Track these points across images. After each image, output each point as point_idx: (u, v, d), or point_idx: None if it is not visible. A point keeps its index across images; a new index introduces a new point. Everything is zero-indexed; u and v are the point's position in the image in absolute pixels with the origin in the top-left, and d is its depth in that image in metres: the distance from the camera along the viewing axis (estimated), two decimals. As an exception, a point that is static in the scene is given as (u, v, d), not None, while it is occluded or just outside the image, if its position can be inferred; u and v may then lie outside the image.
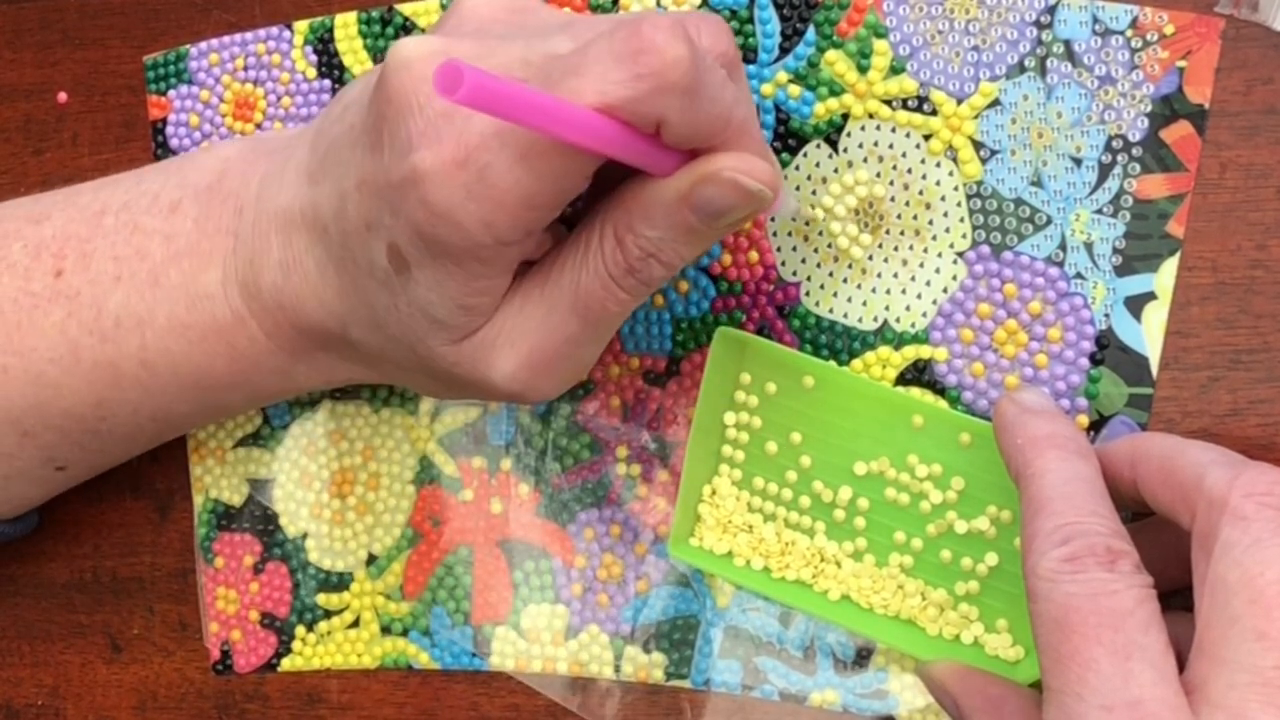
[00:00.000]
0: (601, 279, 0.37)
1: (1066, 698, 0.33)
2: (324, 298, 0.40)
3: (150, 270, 0.42)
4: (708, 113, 0.34)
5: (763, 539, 0.44)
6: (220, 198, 0.42)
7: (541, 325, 0.37)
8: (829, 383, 0.43)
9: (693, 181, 0.35)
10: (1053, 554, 0.34)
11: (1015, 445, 0.38)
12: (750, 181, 0.35)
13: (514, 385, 0.38)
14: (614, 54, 0.32)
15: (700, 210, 0.36)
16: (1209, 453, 0.36)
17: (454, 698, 0.48)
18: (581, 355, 0.39)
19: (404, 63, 0.34)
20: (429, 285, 0.36)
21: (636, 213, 0.36)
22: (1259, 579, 0.33)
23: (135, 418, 0.44)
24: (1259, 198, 0.41)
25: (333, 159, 0.38)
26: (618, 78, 0.32)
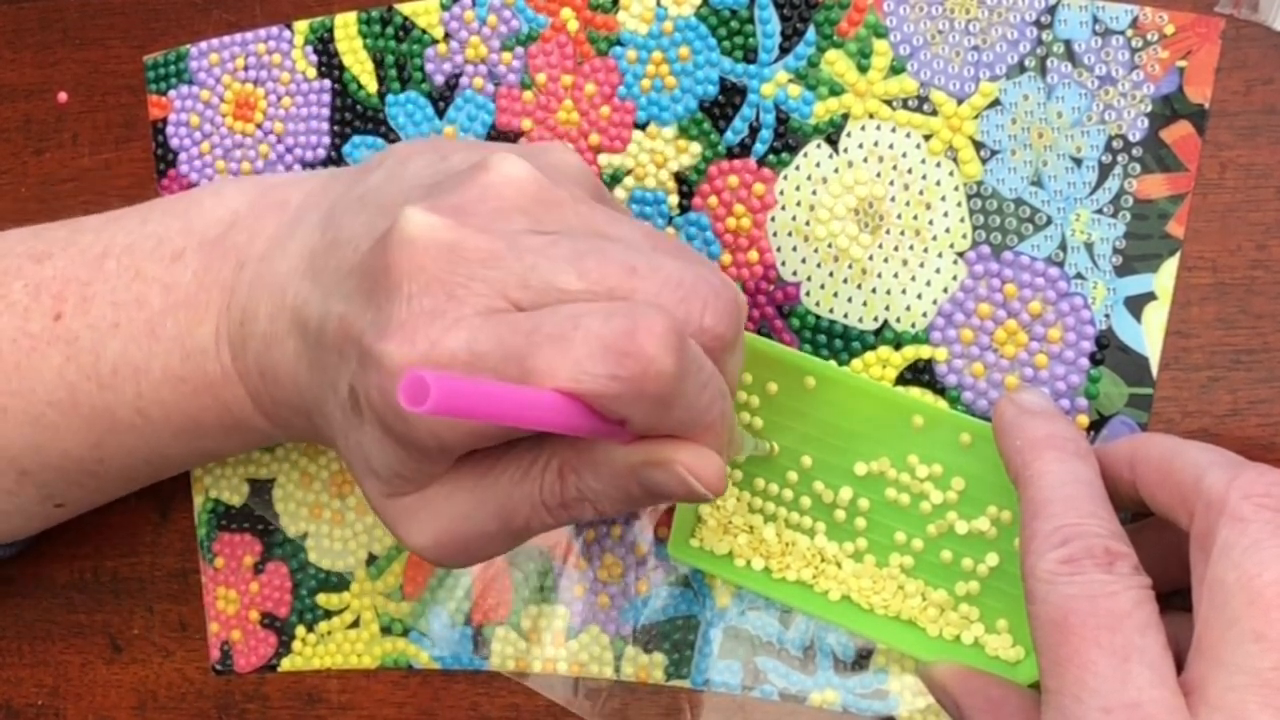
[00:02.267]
0: (533, 503, 0.36)
1: (1065, 699, 0.33)
2: (298, 383, 0.39)
3: (148, 320, 0.42)
4: (676, 419, 0.34)
5: (763, 539, 0.44)
6: (223, 251, 0.42)
7: (464, 516, 0.37)
8: (830, 383, 0.43)
9: (644, 461, 0.35)
10: (1051, 555, 0.34)
11: (1014, 446, 0.38)
12: (695, 483, 0.35)
13: (425, 553, 0.38)
14: (602, 343, 0.32)
15: (644, 486, 0.35)
16: (1207, 454, 0.36)
17: (454, 698, 0.48)
18: (493, 549, 0.39)
19: (408, 241, 0.34)
20: (373, 441, 0.36)
21: (585, 460, 0.36)
22: (1257, 580, 0.33)
23: (131, 460, 0.44)
24: (1259, 198, 0.41)
25: (333, 266, 0.38)
26: (596, 371, 0.32)
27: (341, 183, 0.41)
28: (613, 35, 0.46)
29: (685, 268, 0.35)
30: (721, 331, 0.35)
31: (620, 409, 0.32)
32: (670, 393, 0.32)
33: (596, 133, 0.46)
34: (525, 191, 0.36)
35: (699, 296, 0.35)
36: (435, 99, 0.48)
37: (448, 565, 0.39)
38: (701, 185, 0.45)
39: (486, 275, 0.34)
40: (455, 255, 0.34)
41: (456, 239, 0.34)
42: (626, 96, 0.46)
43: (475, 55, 0.47)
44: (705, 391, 0.34)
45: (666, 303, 0.34)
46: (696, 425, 0.35)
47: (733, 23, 0.45)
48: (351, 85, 0.49)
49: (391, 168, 0.39)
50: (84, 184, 0.52)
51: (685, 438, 0.35)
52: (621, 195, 0.46)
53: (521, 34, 0.47)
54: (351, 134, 0.49)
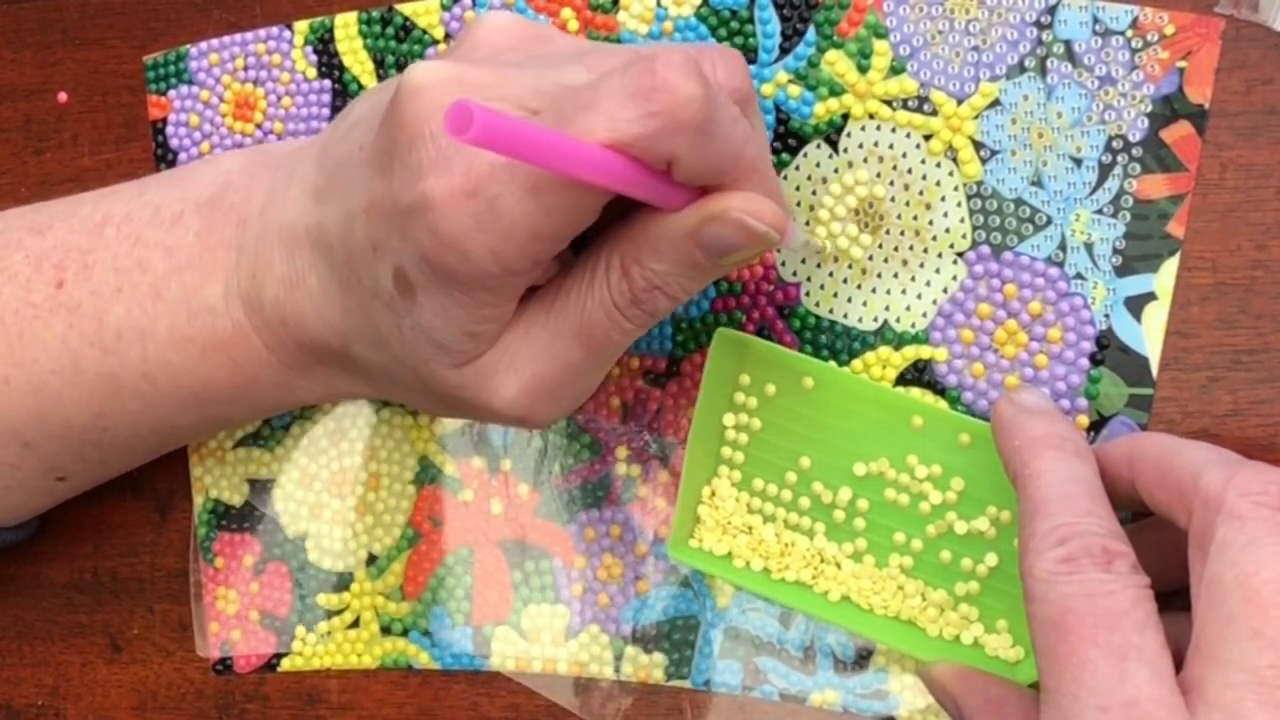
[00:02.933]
0: (606, 309, 0.37)
1: (1063, 698, 0.33)
2: (327, 315, 0.39)
3: (151, 283, 0.42)
4: (718, 151, 0.34)
5: (762, 540, 0.44)
6: (223, 210, 0.42)
7: (545, 352, 0.37)
8: (828, 384, 0.43)
9: (701, 219, 0.35)
10: (1049, 555, 0.34)
11: (1013, 446, 0.38)
12: (757, 224, 0.35)
13: (515, 410, 0.38)
14: (626, 91, 0.32)
15: (707, 248, 0.36)
16: (1205, 452, 0.36)
17: (454, 698, 0.48)
18: (584, 382, 0.39)
19: (416, 89, 0.34)
20: (434, 311, 0.36)
21: (644, 246, 0.36)
22: (1254, 578, 0.33)
23: (135, 429, 0.44)
24: (1259, 198, 0.41)
25: (340, 178, 0.38)
26: (629, 115, 0.32)
27: (327, 129, 0.41)
28: (613, 35, 0.46)
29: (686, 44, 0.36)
30: (737, 84, 0.36)
31: (662, 146, 0.33)
32: (704, 117, 0.33)
33: (596, 133, 0.46)
34: (513, 32, 0.38)
35: (706, 58, 0.36)
36: (435, 99, 0.48)
37: (543, 418, 0.39)
38: (701, 185, 0.45)
39: (501, 94, 0.34)
40: (464, 84, 0.34)
41: (461, 70, 0.35)
42: (626, 96, 0.46)
43: (475, 55, 0.47)
44: (738, 126, 0.34)
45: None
46: (739, 164, 0.35)
47: (733, 23, 0.45)
48: (351, 85, 0.49)
49: (371, 94, 0.40)
50: (84, 184, 0.51)
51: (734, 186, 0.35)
52: (621, 195, 0.46)
53: (521, 34, 0.47)
54: (351, 134, 0.49)
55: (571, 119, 0.33)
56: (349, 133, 0.39)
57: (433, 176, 0.34)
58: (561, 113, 0.33)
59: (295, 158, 0.42)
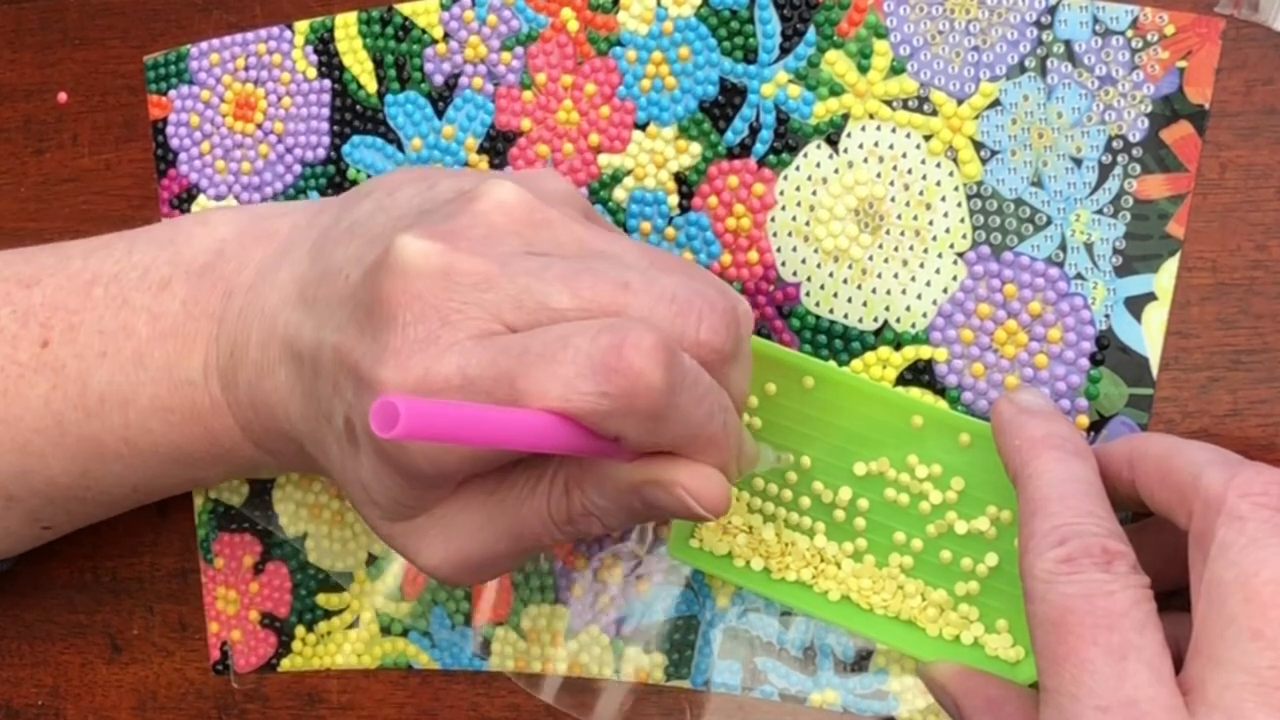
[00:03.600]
0: (542, 518, 0.37)
1: (1062, 698, 0.33)
2: (290, 412, 0.40)
3: (135, 349, 0.42)
4: (672, 434, 0.34)
5: (762, 540, 0.44)
6: (211, 281, 0.42)
7: (474, 534, 0.37)
8: (828, 383, 0.43)
9: (644, 480, 0.35)
10: (1049, 555, 0.34)
11: (1013, 446, 0.38)
12: (695, 505, 0.35)
13: (436, 573, 0.39)
14: (590, 361, 0.32)
15: (645, 504, 0.36)
16: (1205, 453, 0.36)
17: (454, 698, 0.48)
18: (504, 566, 0.39)
19: (403, 269, 0.34)
20: (372, 473, 0.36)
21: (589, 477, 0.36)
22: (1254, 579, 0.33)
23: (119, 487, 0.44)
24: (1259, 198, 0.41)
25: (324, 295, 0.38)
26: (585, 389, 0.32)
27: (329, 214, 0.41)
28: (613, 35, 0.46)
29: (680, 282, 0.35)
30: (718, 345, 0.35)
31: (612, 426, 0.33)
32: (662, 407, 0.32)
33: (596, 133, 0.46)
34: (516, 215, 0.36)
35: (694, 310, 0.35)
36: (434, 99, 0.48)
37: (458, 584, 0.40)
38: (701, 185, 0.45)
39: (480, 299, 0.34)
40: (449, 280, 0.34)
41: (450, 263, 0.34)
42: (626, 97, 0.46)
43: (475, 55, 0.47)
44: (702, 405, 0.34)
45: (660, 317, 0.34)
46: (696, 440, 0.35)
47: (733, 23, 0.45)
48: (351, 85, 0.49)
49: (379, 198, 0.39)
50: (84, 184, 0.52)
51: (687, 454, 0.35)
52: (621, 195, 0.46)
53: (521, 34, 0.47)
54: (351, 134, 0.49)
55: (529, 371, 0.32)
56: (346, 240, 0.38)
57: (391, 368, 0.33)
58: (524, 357, 0.33)
59: (292, 234, 0.42)
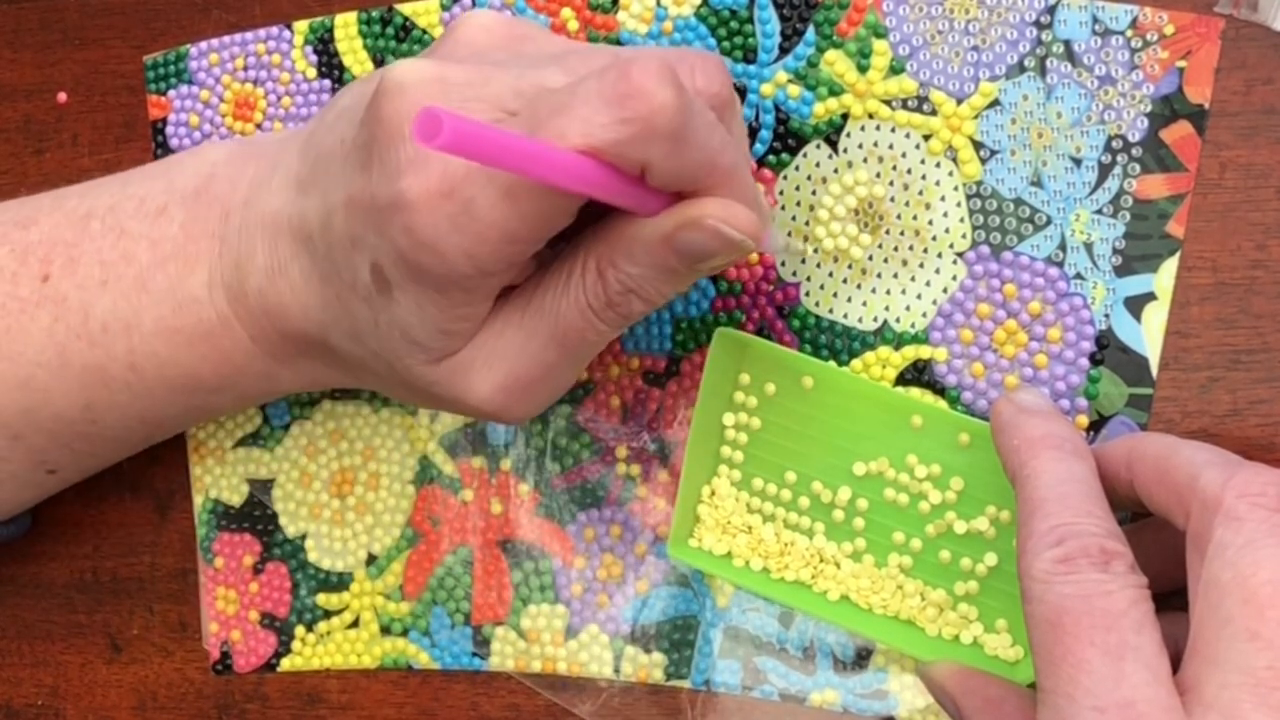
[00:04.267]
0: (581, 310, 0.37)
1: (1059, 699, 0.33)
2: (307, 305, 0.40)
3: (137, 275, 0.42)
4: (693, 159, 0.34)
5: (762, 539, 0.44)
6: (206, 202, 0.42)
7: (520, 351, 0.38)
8: (828, 383, 0.43)
9: (676, 225, 0.35)
10: (1046, 555, 0.34)
11: (1011, 446, 0.38)
12: (732, 231, 0.35)
13: (490, 407, 0.39)
14: (601, 96, 0.32)
15: (682, 254, 0.36)
16: (1204, 453, 0.36)
17: (454, 698, 0.48)
18: (558, 380, 0.39)
19: (397, 87, 0.34)
20: (409, 307, 0.36)
21: (619, 248, 0.36)
22: (1252, 579, 0.33)
23: (124, 420, 0.44)
24: (1259, 198, 0.41)
25: (322, 170, 0.38)
26: (603, 121, 0.32)
27: (313, 120, 0.42)
28: (612, 35, 0.46)
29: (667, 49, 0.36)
30: (716, 90, 0.36)
31: (636, 152, 0.33)
32: (679, 125, 0.33)
33: (596, 133, 0.46)
34: (498, 32, 0.38)
35: (686, 63, 0.36)
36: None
37: (518, 414, 0.39)
38: (701, 185, 0.45)
39: (480, 94, 0.35)
40: (444, 84, 0.35)
41: (442, 71, 0.35)
42: (626, 96, 0.46)
43: (475, 55, 0.47)
44: (714, 133, 0.35)
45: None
46: (715, 170, 0.35)
47: (732, 23, 0.45)
48: (351, 85, 0.49)
49: (357, 86, 0.40)
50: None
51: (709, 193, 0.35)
52: (621, 195, 0.46)
53: (521, 34, 0.47)
54: (351, 134, 0.49)
55: (546, 123, 0.33)
56: (334, 124, 0.39)
57: (410, 176, 0.34)
58: (536, 115, 0.33)
59: (281, 147, 0.42)
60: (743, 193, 0.36)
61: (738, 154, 0.36)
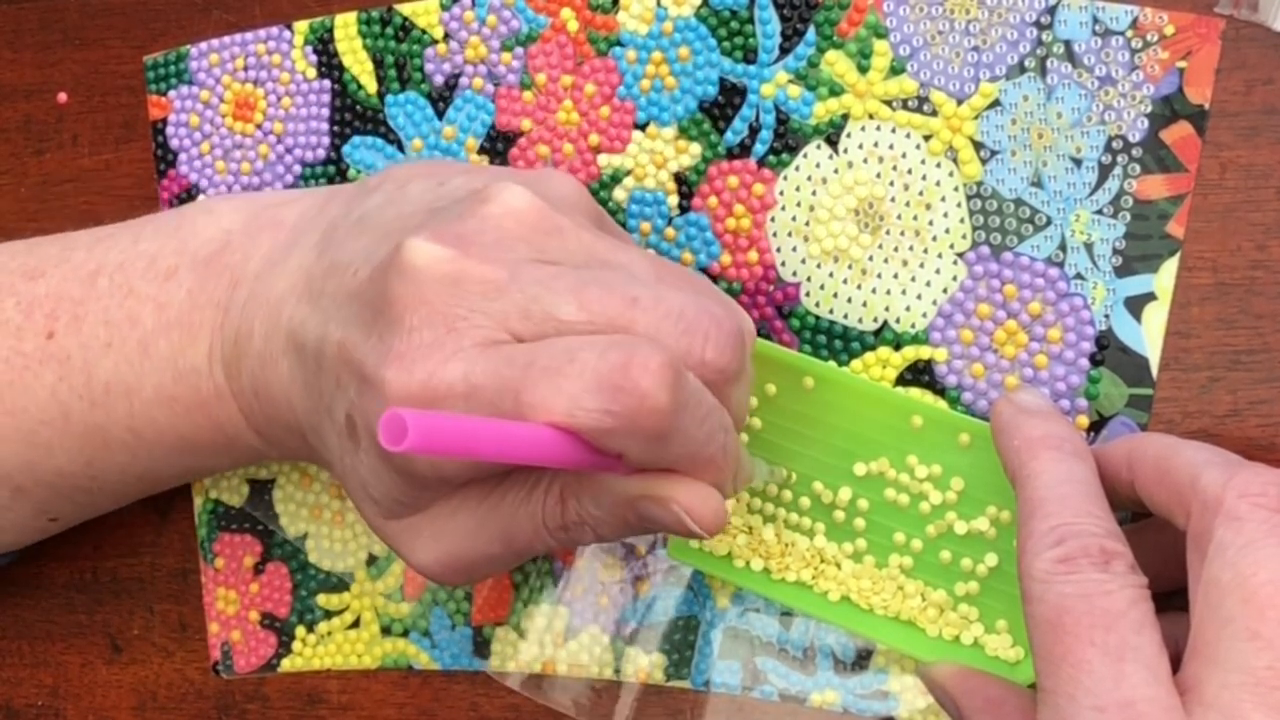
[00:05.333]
0: (535, 524, 0.37)
1: (1059, 699, 0.33)
2: (292, 402, 0.39)
3: (140, 339, 0.42)
4: (673, 454, 0.34)
5: (762, 540, 0.44)
6: (217, 270, 0.42)
7: (468, 536, 0.37)
8: (828, 383, 0.43)
9: (641, 494, 0.35)
10: (1047, 555, 0.34)
11: (1011, 446, 0.38)
12: (691, 524, 0.35)
13: (426, 572, 0.39)
14: (596, 377, 0.32)
15: (640, 518, 0.36)
16: (1204, 453, 0.36)
17: (454, 698, 0.48)
18: (496, 569, 0.39)
19: (412, 272, 0.34)
20: (371, 470, 0.36)
21: (584, 488, 0.36)
22: (1252, 579, 0.33)
23: (124, 477, 0.44)
24: (1259, 198, 0.41)
25: (330, 289, 0.38)
26: (590, 405, 0.32)
27: (338, 204, 0.41)
28: (612, 35, 0.46)
29: (688, 299, 0.35)
30: (724, 365, 0.35)
31: (614, 444, 0.33)
32: (666, 428, 0.32)
33: (596, 133, 0.46)
34: (526, 221, 0.36)
35: (700, 329, 0.35)
36: (435, 99, 0.48)
37: (449, 584, 0.40)
38: (701, 186, 0.45)
39: (488, 307, 0.34)
40: (458, 287, 0.34)
41: (459, 270, 0.34)
42: (626, 97, 0.46)
43: (475, 55, 0.47)
44: (704, 426, 0.34)
45: (666, 335, 0.34)
46: (696, 460, 0.35)
47: (733, 23, 0.45)
48: (351, 85, 0.49)
49: (390, 191, 0.39)
50: (84, 184, 0.52)
51: (686, 473, 0.35)
52: (621, 195, 0.46)
53: (521, 34, 0.47)
54: (351, 134, 0.49)
55: (535, 384, 0.32)
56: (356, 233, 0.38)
57: (396, 368, 0.33)
58: (529, 370, 0.33)
59: (299, 224, 0.42)
60: (719, 475, 0.36)
61: (727, 438, 0.36)
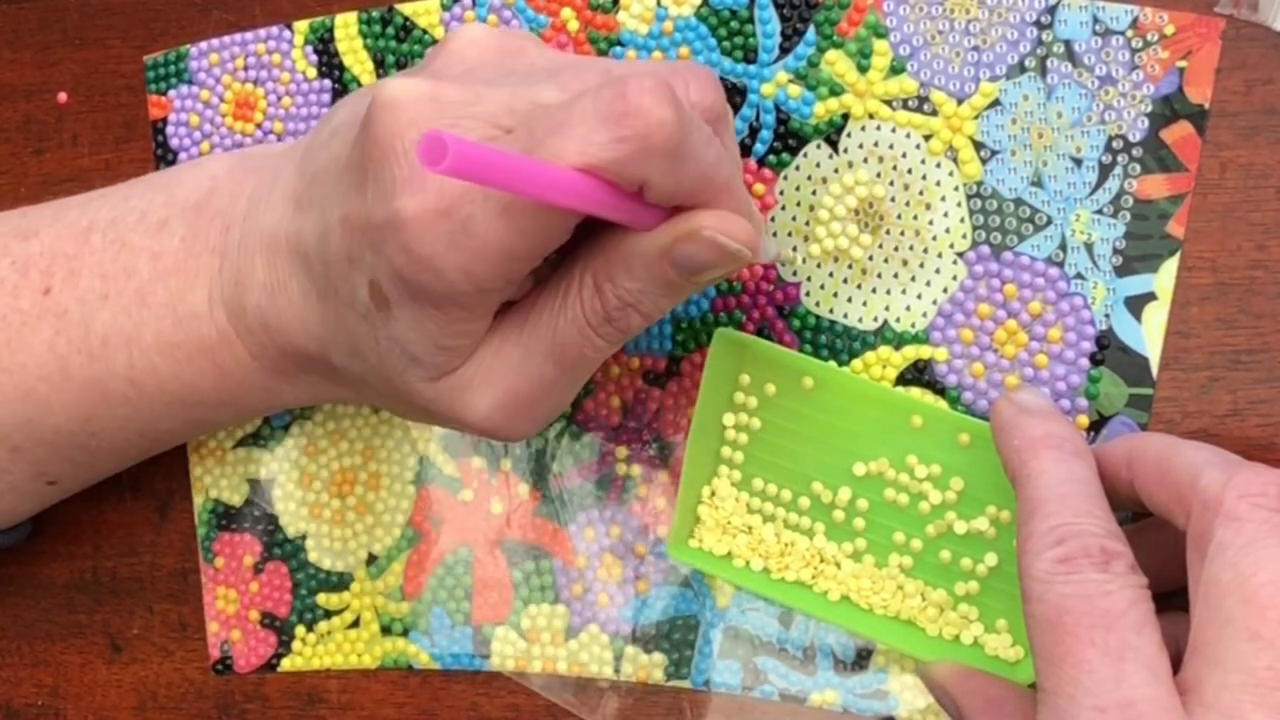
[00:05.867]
0: (579, 326, 0.37)
1: (1059, 699, 0.33)
2: (306, 322, 0.39)
3: (138, 288, 0.42)
4: (690, 174, 0.34)
5: (762, 540, 0.44)
6: (208, 216, 0.42)
7: (518, 368, 0.37)
8: (828, 383, 0.43)
9: (674, 238, 0.35)
10: (1047, 555, 0.34)
11: (1012, 446, 0.38)
12: (729, 242, 0.35)
13: (488, 425, 0.38)
14: (598, 114, 0.32)
15: (680, 266, 0.36)
16: (1204, 453, 0.36)
17: (454, 698, 0.48)
18: (557, 398, 0.39)
19: (389, 104, 0.34)
20: (408, 324, 0.36)
21: (617, 263, 0.36)
22: (1252, 580, 0.33)
23: (124, 434, 0.44)
24: (1259, 198, 0.41)
25: (319, 188, 0.38)
26: (601, 139, 0.32)
27: (309, 136, 0.41)
28: (613, 35, 0.46)
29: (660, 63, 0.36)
30: (709, 103, 0.36)
31: (635, 170, 0.33)
32: (677, 141, 0.33)
33: (596, 133, 0.46)
34: (489, 46, 0.37)
35: (679, 76, 0.36)
36: (435, 99, 0.48)
37: (518, 433, 0.39)
38: (701, 185, 0.45)
39: (474, 112, 0.34)
40: (438, 102, 0.34)
41: (436, 89, 0.35)
42: (626, 96, 0.46)
43: (475, 55, 0.47)
44: (710, 147, 0.35)
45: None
46: (711, 185, 0.35)
47: (732, 23, 0.45)
48: (351, 85, 0.49)
49: (351, 100, 0.40)
50: (84, 184, 0.52)
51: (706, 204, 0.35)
52: (621, 195, 0.46)
53: (521, 34, 0.47)
54: (351, 134, 0.49)
55: (543, 142, 0.33)
56: (329, 141, 0.38)
57: (406, 195, 0.34)
58: (534, 135, 0.33)
59: (279, 161, 0.42)
60: (737, 204, 0.36)
61: (732, 166, 0.36)
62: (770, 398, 0.44)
